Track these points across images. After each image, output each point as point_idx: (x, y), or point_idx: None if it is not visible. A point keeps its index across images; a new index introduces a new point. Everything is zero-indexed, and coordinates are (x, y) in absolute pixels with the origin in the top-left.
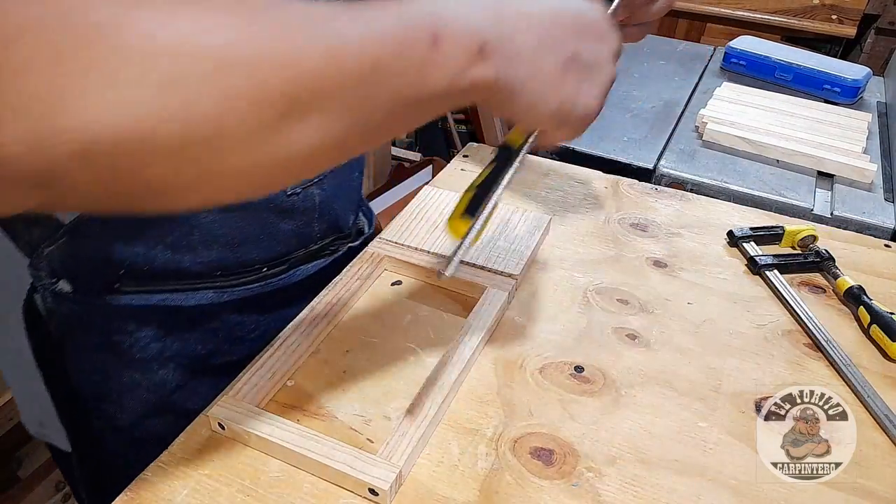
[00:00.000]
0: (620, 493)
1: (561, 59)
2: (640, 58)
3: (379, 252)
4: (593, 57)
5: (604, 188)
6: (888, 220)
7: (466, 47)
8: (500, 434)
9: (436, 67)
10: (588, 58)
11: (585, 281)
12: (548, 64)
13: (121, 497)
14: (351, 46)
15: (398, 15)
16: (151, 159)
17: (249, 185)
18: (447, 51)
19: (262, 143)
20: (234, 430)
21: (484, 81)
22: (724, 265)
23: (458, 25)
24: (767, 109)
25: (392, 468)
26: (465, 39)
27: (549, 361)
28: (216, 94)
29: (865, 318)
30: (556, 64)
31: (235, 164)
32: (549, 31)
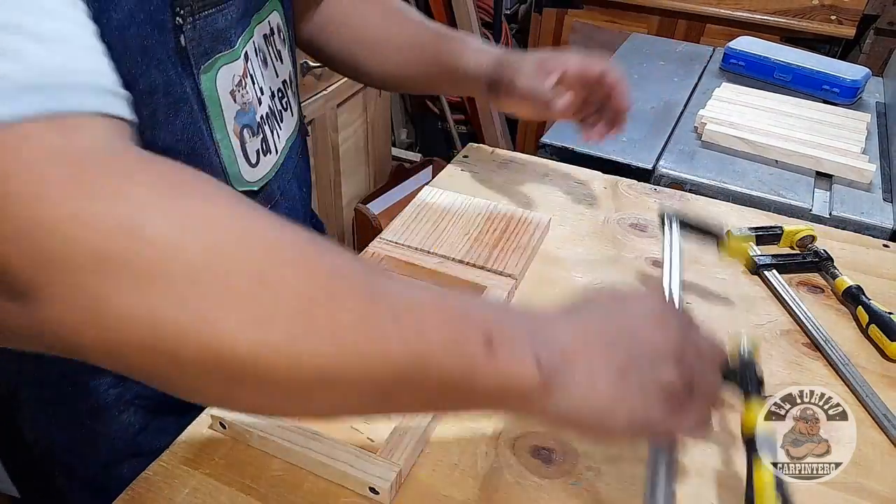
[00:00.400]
0: (619, 492)
1: (615, 366)
2: (640, 58)
3: (379, 252)
4: (650, 356)
5: (603, 188)
6: (887, 220)
7: (521, 355)
8: (499, 433)
9: (485, 374)
10: (643, 356)
11: (585, 281)
12: (604, 374)
13: (122, 496)
14: (404, 338)
15: (451, 304)
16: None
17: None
18: (501, 355)
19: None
20: (236, 428)
21: (537, 395)
22: (723, 265)
23: (515, 330)
24: (766, 110)
25: (392, 467)
26: (519, 347)
27: None
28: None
29: (864, 317)
30: (612, 373)
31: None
32: (602, 340)
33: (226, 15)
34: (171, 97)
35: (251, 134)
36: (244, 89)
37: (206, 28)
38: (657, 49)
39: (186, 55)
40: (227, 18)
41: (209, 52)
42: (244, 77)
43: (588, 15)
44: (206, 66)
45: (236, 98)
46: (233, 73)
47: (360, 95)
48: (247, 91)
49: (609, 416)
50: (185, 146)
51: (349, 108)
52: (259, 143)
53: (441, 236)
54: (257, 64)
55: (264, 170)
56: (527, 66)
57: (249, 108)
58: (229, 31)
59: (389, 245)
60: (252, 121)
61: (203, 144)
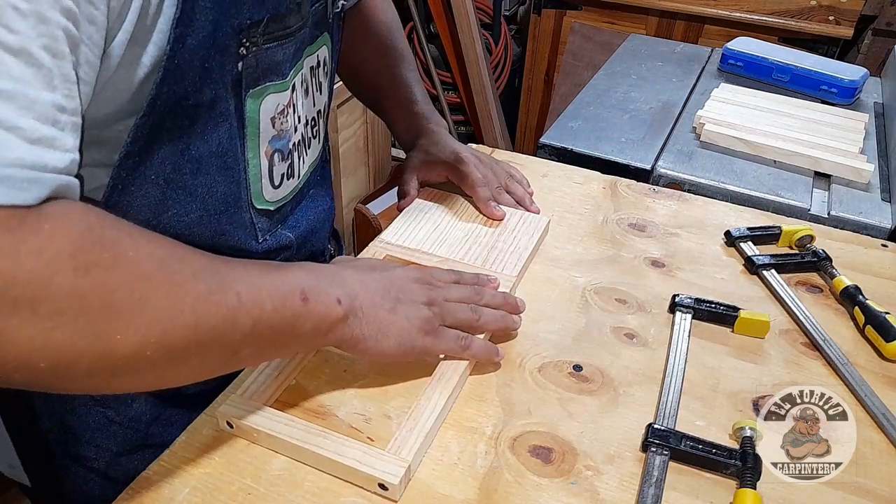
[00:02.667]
0: (619, 492)
1: (390, 305)
2: (639, 59)
3: (379, 252)
4: (410, 297)
5: (602, 189)
6: (885, 220)
7: (328, 302)
8: (499, 432)
9: (305, 319)
10: (406, 298)
11: (584, 281)
12: (382, 310)
13: (122, 495)
14: (244, 306)
15: (276, 278)
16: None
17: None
18: (313, 305)
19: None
20: (243, 427)
21: (346, 332)
22: (722, 265)
23: (320, 286)
24: (765, 110)
25: (401, 463)
26: (324, 296)
27: (547, 361)
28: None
29: (861, 318)
30: (386, 309)
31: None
32: (378, 289)
33: (285, 49)
34: (214, 112)
35: (281, 158)
36: (285, 118)
37: (264, 59)
38: (656, 50)
39: (240, 79)
40: (285, 52)
41: (261, 79)
42: (288, 107)
43: (587, 16)
44: (254, 92)
45: (275, 124)
46: (279, 101)
47: None
48: (287, 119)
49: (385, 337)
50: (216, 159)
51: (349, 108)
52: (286, 167)
53: (441, 237)
54: (300, 93)
55: (285, 192)
56: (412, 164)
57: (285, 134)
58: (284, 64)
59: (389, 245)
60: (285, 147)
61: (234, 160)
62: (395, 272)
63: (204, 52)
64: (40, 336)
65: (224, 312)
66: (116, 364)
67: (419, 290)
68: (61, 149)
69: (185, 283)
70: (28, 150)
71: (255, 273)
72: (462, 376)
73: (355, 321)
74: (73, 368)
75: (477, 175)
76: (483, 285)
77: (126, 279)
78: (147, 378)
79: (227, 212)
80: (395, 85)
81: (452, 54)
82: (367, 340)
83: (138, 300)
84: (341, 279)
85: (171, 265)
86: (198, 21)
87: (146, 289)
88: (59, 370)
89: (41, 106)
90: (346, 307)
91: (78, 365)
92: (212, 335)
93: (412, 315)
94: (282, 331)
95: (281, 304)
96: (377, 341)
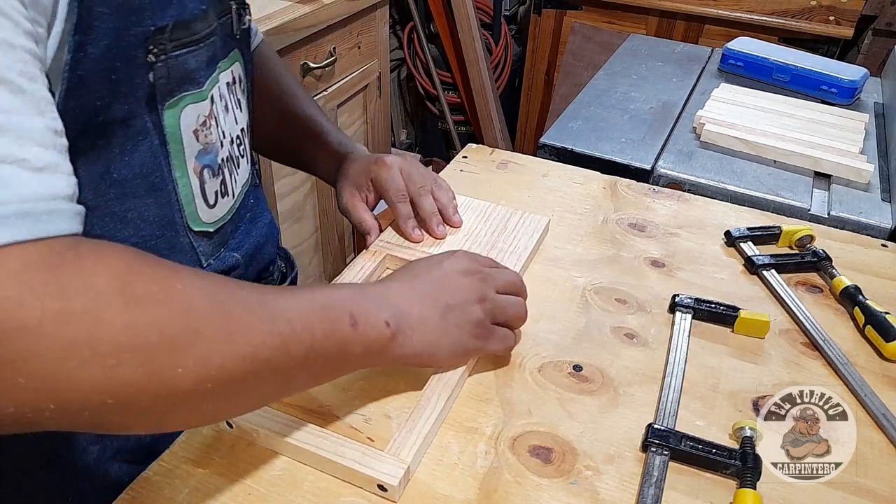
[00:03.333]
0: (619, 492)
1: (439, 314)
2: (639, 59)
3: (379, 252)
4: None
5: (602, 189)
6: (885, 220)
7: (376, 324)
8: (499, 433)
9: (355, 343)
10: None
11: (584, 281)
12: (431, 322)
13: (122, 496)
14: (296, 334)
15: (325, 304)
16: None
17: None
18: (362, 329)
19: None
20: (243, 427)
21: (398, 352)
22: (722, 265)
23: (369, 308)
24: (765, 110)
25: (401, 464)
26: (373, 318)
27: (547, 361)
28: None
29: (860, 318)
30: (436, 319)
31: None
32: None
33: (196, 56)
34: (131, 130)
35: (211, 174)
36: (208, 129)
37: (176, 67)
38: (656, 50)
39: (153, 91)
40: (197, 60)
41: (175, 90)
42: (209, 118)
43: (587, 16)
44: (170, 103)
45: (199, 137)
46: (199, 112)
47: (359, 96)
48: (210, 132)
49: (437, 348)
50: (142, 181)
51: (349, 108)
52: (218, 184)
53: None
54: (220, 108)
55: (221, 211)
56: (346, 185)
57: (212, 148)
58: (198, 73)
59: (390, 245)
60: (213, 161)
61: (161, 180)
62: (442, 270)
63: (109, 63)
64: (103, 374)
65: (277, 342)
66: (177, 398)
67: (469, 285)
68: (66, 173)
69: (237, 315)
70: (38, 182)
71: (303, 300)
72: (462, 377)
73: (405, 339)
74: (135, 404)
75: (397, 182)
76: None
77: (178, 312)
78: (206, 411)
79: (163, 237)
80: (301, 126)
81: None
82: (421, 356)
83: (193, 332)
84: (388, 297)
85: (220, 297)
86: (97, 28)
87: (199, 322)
88: (124, 406)
89: (38, 133)
90: (394, 327)
91: (140, 401)
92: (267, 365)
93: (462, 321)
94: (334, 356)
95: (331, 330)
96: (430, 354)
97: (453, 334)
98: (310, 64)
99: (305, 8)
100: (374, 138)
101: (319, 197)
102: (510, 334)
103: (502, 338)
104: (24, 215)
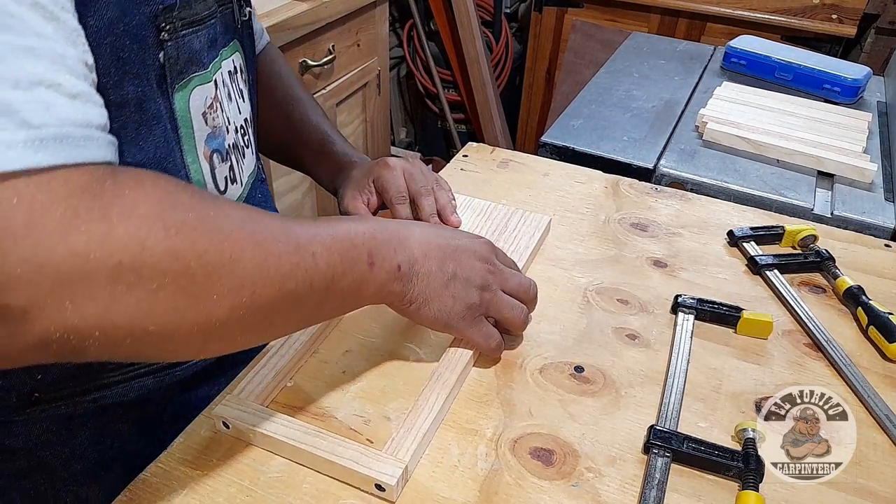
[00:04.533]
0: (620, 494)
1: (444, 278)
2: (641, 57)
3: None
4: (465, 275)
5: (604, 188)
6: (888, 219)
7: (389, 268)
8: (499, 434)
9: (369, 283)
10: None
11: (585, 281)
12: (435, 281)
13: (119, 498)
14: (319, 267)
15: (346, 240)
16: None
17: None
18: (377, 270)
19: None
20: (239, 428)
21: (396, 293)
22: (725, 265)
23: (386, 250)
24: (767, 109)
25: (398, 463)
26: (388, 262)
27: (549, 362)
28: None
29: (864, 318)
30: (439, 282)
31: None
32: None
33: (201, 37)
34: (144, 114)
35: (220, 159)
36: (215, 112)
37: (184, 47)
38: (658, 48)
39: (163, 72)
40: (200, 41)
41: (184, 71)
42: (215, 101)
43: (588, 13)
44: (180, 85)
45: (207, 120)
46: (205, 94)
47: (359, 94)
48: (217, 115)
49: (428, 306)
50: (155, 166)
51: (348, 106)
52: (227, 169)
53: None
54: (223, 94)
55: (231, 199)
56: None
57: (219, 132)
58: (202, 54)
59: None
60: (221, 146)
61: (174, 166)
62: (461, 242)
63: (115, 40)
64: (147, 299)
65: (302, 274)
66: (212, 325)
67: (479, 269)
68: (98, 104)
69: (267, 244)
70: (73, 108)
71: (326, 234)
72: (460, 377)
73: (408, 286)
74: (175, 332)
75: (398, 182)
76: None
77: (214, 239)
78: (237, 340)
79: None
80: (305, 132)
81: (453, 52)
82: (411, 305)
83: (228, 260)
84: (406, 241)
85: (251, 226)
86: (99, 1)
87: (234, 249)
88: (164, 334)
89: (70, 61)
90: (404, 273)
91: (180, 329)
92: (292, 296)
93: (460, 295)
94: (349, 293)
95: (350, 268)
96: (419, 308)
97: (447, 303)
98: (309, 62)
99: (304, 5)
100: (373, 137)
101: (318, 196)
102: (495, 334)
103: (486, 333)
104: (64, 139)
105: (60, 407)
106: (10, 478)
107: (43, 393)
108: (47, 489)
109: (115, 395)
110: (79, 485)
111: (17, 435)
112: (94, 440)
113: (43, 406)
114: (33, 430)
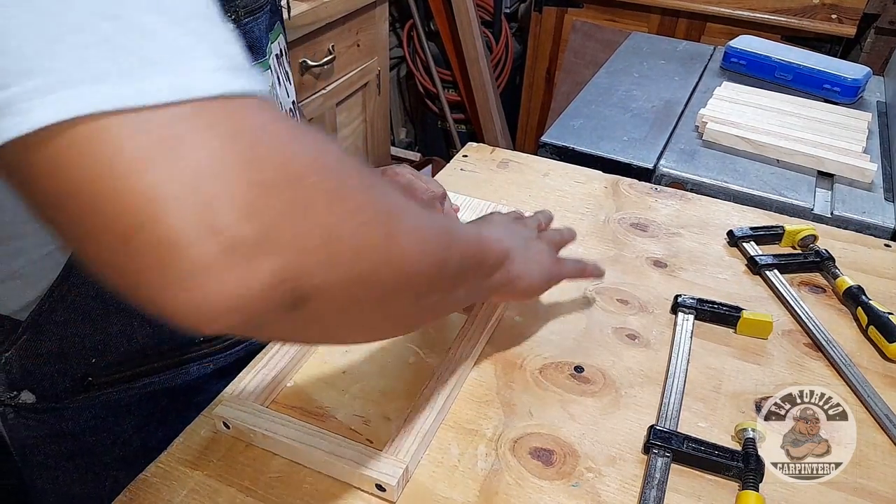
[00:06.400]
0: (620, 494)
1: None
2: (640, 57)
3: None
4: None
5: (604, 188)
6: (888, 219)
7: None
8: (499, 434)
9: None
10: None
11: (585, 281)
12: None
13: (120, 497)
14: (484, 243)
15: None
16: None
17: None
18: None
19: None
20: (240, 428)
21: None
22: (725, 265)
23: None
24: (767, 109)
25: (399, 463)
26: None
27: (548, 362)
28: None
29: (864, 318)
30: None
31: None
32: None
33: (259, 24)
34: None
35: None
36: (278, 100)
37: (247, 35)
38: (658, 48)
39: None
40: (258, 28)
41: (249, 58)
42: (272, 88)
43: (588, 13)
44: None
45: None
46: (269, 81)
47: (359, 94)
48: (279, 101)
49: (530, 275)
50: None
51: (348, 106)
52: None
53: None
54: (275, 79)
55: None
56: None
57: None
58: (261, 41)
59: None
60: None
61: None
62: (494, 220)
63: None
64: (350, 220)
65: (442, 251)
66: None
67: (521, 226)
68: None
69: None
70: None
71: (461, 226)
72: (460, 377)
73: (510, 262)
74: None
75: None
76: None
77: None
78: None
79: None
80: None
81: (453, 52)
82: (522, 278)
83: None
84: (489, 233)
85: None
86: None
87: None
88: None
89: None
90: (506, 246)
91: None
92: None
93: (535, 248)
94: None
95: (475, 242)
96: (528, 277)
97: (537, 259)
98: (309, 62)
99: (304, 5)
100: (373, 137)
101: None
102: (579, 259)
103: (576, 264)
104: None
105: (112, 393)
106: (58, 458)
107: (96, 378)
108: (89, 472)
109: (163, 381)
110: (118, 470)
111: (67, 419)
112: (138, 427)
113: (94, 391)
114: (83, 415)
